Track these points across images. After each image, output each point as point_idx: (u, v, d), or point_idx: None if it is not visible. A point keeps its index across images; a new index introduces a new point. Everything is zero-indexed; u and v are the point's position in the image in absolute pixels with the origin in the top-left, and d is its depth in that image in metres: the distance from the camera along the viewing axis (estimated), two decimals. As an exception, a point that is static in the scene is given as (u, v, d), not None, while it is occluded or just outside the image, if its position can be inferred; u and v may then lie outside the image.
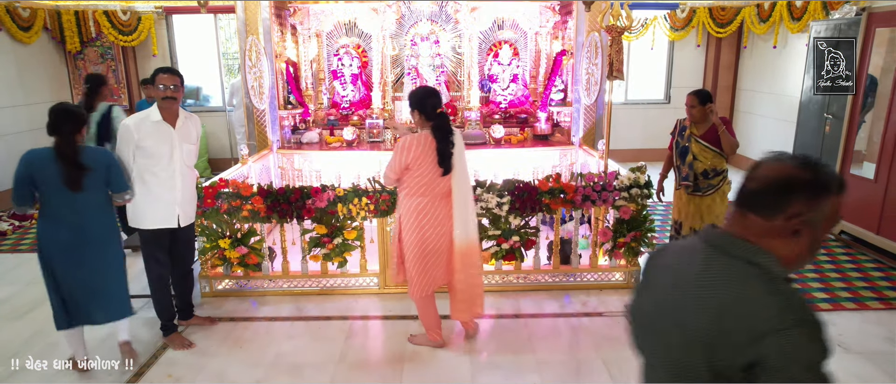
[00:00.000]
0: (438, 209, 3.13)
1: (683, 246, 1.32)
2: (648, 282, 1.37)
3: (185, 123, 3.37)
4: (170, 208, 3.35)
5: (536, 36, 6.26)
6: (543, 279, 4.25)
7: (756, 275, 1.13)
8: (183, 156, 3.34)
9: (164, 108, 3.27)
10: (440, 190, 3.11)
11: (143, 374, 3.24)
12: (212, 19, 8.33)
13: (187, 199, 3.44)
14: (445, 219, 3.16)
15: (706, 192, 3.95)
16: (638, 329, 1.37)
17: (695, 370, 1.15)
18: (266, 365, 3.32)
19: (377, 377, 3.20)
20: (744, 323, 1.08)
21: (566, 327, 3.74)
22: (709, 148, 3.87)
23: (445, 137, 3.03)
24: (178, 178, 3.34)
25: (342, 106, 6.26)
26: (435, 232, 3.15)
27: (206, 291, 4.19)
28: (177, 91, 3.24)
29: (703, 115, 3.86)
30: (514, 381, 3.13)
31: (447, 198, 3.14)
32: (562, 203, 4.03)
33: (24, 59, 6.92)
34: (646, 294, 1.36)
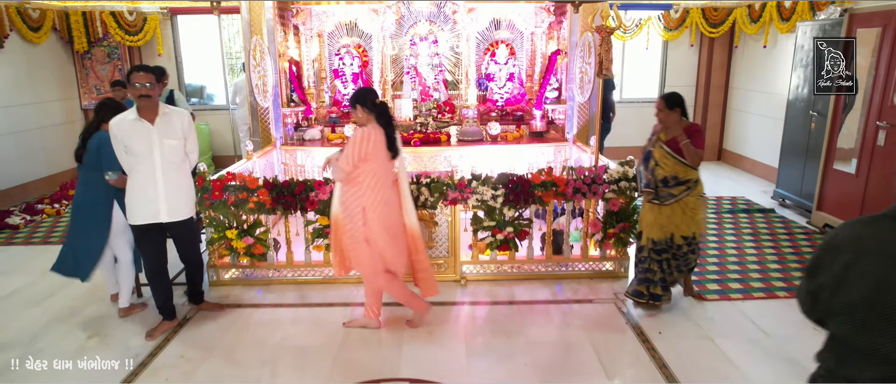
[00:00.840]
0: (393, 198, 3.48)
1: (873, 235, 1.37)
2: (849, 275, 1.38)
3: (167, 119, 3.38)
4: (153, 204, 3.40)
5: (532, 36, 6.45)
6: (536, 268, 4.44)
7: None
8: (163, 152, 3.36)
9: (141, 107, 3.31)
10: (390, 179, 3.45)
11: (156, 355, 3.43)
12: (216, 20, 8.51)
13: (173, 195, 3.44)
14: (398, 207, 3.52)
15: (665, 202, 3.68)
16: (866, 320, 1.34)
17: None
18: (272, 347, 3.51)
19: (378, 359, 3.38)
20: None
21: (557, 313, 3.93)
22: (671, 155, 3.61)
23: (390, 123, 3.41)
24: (159, 173, 3.36)
25: (343, 104, 6.45)
26: (395, 220, 3.49)
27: (213, 280, 4.38)
28: (151, 89, 3.28)
29: (671, 120, 3.62)
30: (506, 363, 3.32)
31: (395, 186, 3.50)
32: (554, 195, 4.22)
33: (33, 59, 7.12)
34: (858, 284, 1.35)
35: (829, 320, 1.46)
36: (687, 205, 3.67)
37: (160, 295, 3.68)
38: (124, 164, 3.41)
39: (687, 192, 3.66)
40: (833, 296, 1.41)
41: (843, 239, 1.43)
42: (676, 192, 3.66)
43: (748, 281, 4.41)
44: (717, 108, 8.82)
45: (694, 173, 3.65)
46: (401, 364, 3.30)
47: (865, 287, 1.34)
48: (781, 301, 4.08)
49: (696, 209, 3.70)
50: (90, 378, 3.20)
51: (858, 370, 1.38)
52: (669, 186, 3.66)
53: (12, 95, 6.80)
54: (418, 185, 4.16)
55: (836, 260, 1.41)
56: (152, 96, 3.31)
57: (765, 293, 4.21)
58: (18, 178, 6.88)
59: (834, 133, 5.35)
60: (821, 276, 1.45)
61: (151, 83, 3.28)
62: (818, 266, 1.47)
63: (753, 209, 6.28)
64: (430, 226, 4.32)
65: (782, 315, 3.86)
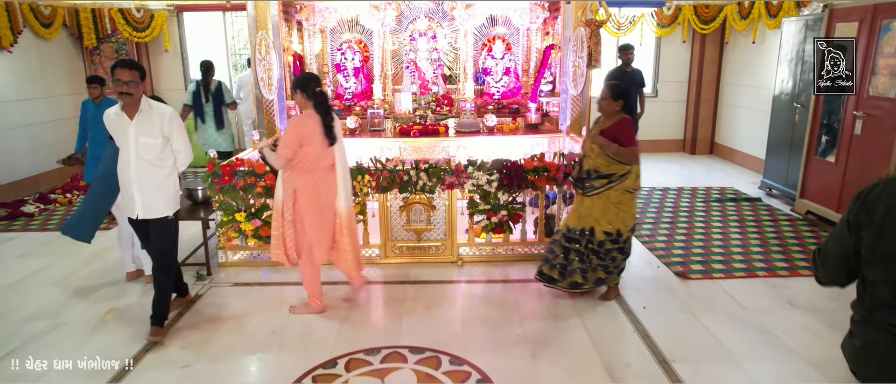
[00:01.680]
0: (328, 181, 3.61)
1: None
2: (886, 225, 1.60)
3: (146, 116, 3.30)
4: (130, 198, 3.39)
5: (527, 31, 6.68)
6: (530, 250, 4.67)
7: None
8: (138, 149, 3.29)
9: (123, 102, 3.29)
10: (326, 163, 3.57)
11: (176, 322, 3.67)
12: (221, 17, 8.78)
13: (146, 192, 3.37)
14: (332, 190, 3.65)
15: (587, 193, 3.70)
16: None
17: None
18: (280, 319, 3.74)
19: (379, 331, 3.62)
20: None
21: (548, 291, 4.15)
22: (600, 148, 3.62)
23: (327, 111, 3.53)
24: (133, 169, 3.31)
25: (345, 97, 6.68)
26: (328, 202, 3.64)
27: (222, 261, 4.62)
28: (132, 85, 3.21)
29: (611, 109, 3.64)
30: (499, 333, 3.55)
31: (332, 171, 3.63)
32: (545, 180, 4.45)
33: (45, 55, 7.35)
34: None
35: (869, 270, 1.65)
36: (609, 199, 3.64)
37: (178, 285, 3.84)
38: None
39: (609, 187, 3.62)
40: (874, 248, 1.61)
41: (874, 197, 1.64)
42: (598, 185, 3.65)
43: (731, 262, 4.64)
44: (708, 102, 9.05)
45: (619, 168, 3.60)
46: (400, 334, 3.53)
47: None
48: (761, 279, 4.32)
49: (620, 204, 3.65)
50: (103, 353, 3.43)
51: (891, 312, 1.59)
52: (592, 178, 3.67)
53: (26, 89, 7.04)
54: (417, 171, 4.39)
55: (873, 215, 1.62)
56: (134, 93, 3.23)
57: (745, 273, 4.44)
58: (32, 169, 7.12)
59: (815, 124, 5.59)
60: (860, 231, 1.65)
61: (133, 79, 3.21)
62: (857, 225, 1.66)
63: (741, 198, 6.51)
64: (428, 210, 4.55)
65: (760, 292, 4.10)
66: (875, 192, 1.65)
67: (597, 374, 3.09)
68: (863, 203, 1.66)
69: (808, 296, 3.97)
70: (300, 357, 3.26)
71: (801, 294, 4.02)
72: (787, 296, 4.03)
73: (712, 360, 3.23)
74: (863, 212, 1.66)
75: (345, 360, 3.22)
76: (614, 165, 3.60)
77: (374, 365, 3.18)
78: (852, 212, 1.70)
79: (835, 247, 1.77)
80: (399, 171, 4.41)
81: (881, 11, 4.67)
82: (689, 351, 3.34)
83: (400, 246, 4.65)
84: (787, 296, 4.01)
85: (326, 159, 3.57)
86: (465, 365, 3.17)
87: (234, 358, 3.32)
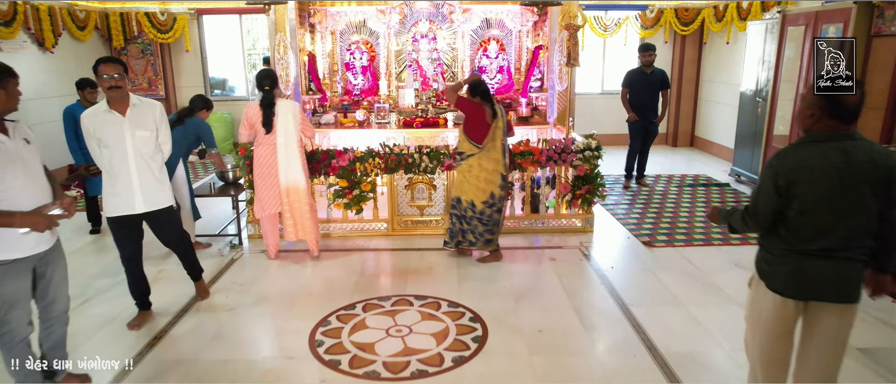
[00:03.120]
0: (270, 157, 4.56)
1: (827, 149, 2.10)
2: (818, 175, 2.08)
3: (138, 110, 3.35)
4: (127, 195, 3.38)
5: (519, 33, 7.39)
6: (518, 224, 5.38)
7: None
8: (135, 143, 3.33)
9: (111, 98, 3.27)
10: (270, 142, 4.52)
11: (215, 281, 4.37)
12: (238, 20, 9.49)
13: (147, 185, 3.42)
14: (273, 165, 4.57)
15: (454, 165, 4.71)
16: (831, 199, 2.07)
17: (872, 208, 2.11)
18: (305, 277, 4.46)
19: (388, 284, 4.33)
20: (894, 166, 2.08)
21: (532, 255, 4.86)
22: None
23: (269, 106, 4.45)
24: (133, 164, 3.34)
25: (354, 93, 7.39)
26: (269, 171, 4.60)
27: (251, 233, 5.32)
28: (120, 80, 3.23)
29: (454, 99, 4.47)
30: (489, 286, 4.25)
31: (275, 149, 4.53)
32: (531, 162, 5.16)
33: (80, 55, 8.06)
34: (824, 183, 2.08)
35: (793, 216, 2.15)
36: (460, 171, 4.54)
37: (137, 286, 3.70)
38: (97, 157, 3.39)
39: (460, 161, 4.51)
40: (796, 200, 2.13)
41: (795, 163, 2.14)
42: (456, 160, 4.58)
43: (692, 234, 5.35)
44: (689, 99, 9.76)
45: (462, 146, 4.48)
46: (407, 287, 4.24)
47: (824, 188, 2.10)
48: (715, 247, 5.02)
49: (462, 176, 4.49)
50: (111, 341, 4.13)
51: (811, 244, 2.15)
52: (457, 154, 4.59)
53: (64, 87, 7.73)
54: (420, 154, 5.09)
55: (802, 175, 2.12)
56: (122, 87, 3.26)
57: (703, 242, 5.15)
58: (68, 159, 7.80)
59: (772, 115, 6.30)
60: (797, 188, 2.14)
61: (120, 74, 3.24)
62: (792, 184, 2.15)
63: (711, 184, 7.22)
64: (430, 189, 5.26)
65: (713, 256, 4.81)
66: (789, 159, 2.18)
67: (567, 314, 3.80)
68: (784, 170, 2.17)
69: (753, 260, 4.67)
70: (325, 302, 3.97)
71: (747, 258, 4.72)
72: (735, 259, 4.74)
73: (663, 305, 3.94)
74: (783, 178, 2.17)
75: (362, 304, 3.93)
76: (462, 144, 4.49)
77: (386, 307, 3.89)
78: (776, 178, 2.19)
79: (763, 204, 2.27)
80: (404, 155, 5.11)
81: (822, 17, 5.38)
82: (645, 298, 4.05)
83: (405, 220, 5.35)
84: (736, 260, 4.72)
85: (269, 140, 4.52)
86: (460, 307, 3.88)
87: (270, 303, 4.02)
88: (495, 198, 4.48)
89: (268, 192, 4.67)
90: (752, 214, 2.31)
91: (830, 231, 2.13)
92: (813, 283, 2.19)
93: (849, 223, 2.12)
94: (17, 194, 2.51)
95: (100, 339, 3.56)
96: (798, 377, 2.37)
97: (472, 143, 4.42)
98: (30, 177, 2.58)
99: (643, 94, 6.90)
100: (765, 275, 2.32)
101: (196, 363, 3.26)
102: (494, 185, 4.45)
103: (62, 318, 2.91)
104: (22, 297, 2.63)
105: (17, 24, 6.71)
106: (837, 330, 2.25)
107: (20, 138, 2.59)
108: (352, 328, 3.61)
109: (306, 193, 4.68)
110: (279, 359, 3.31)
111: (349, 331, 3.58)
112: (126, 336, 3.59)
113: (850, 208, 2.11)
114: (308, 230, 4.74)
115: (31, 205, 2.55)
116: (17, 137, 2.58)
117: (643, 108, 6.92)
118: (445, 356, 3.28)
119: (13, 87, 2.56)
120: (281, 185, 4.62)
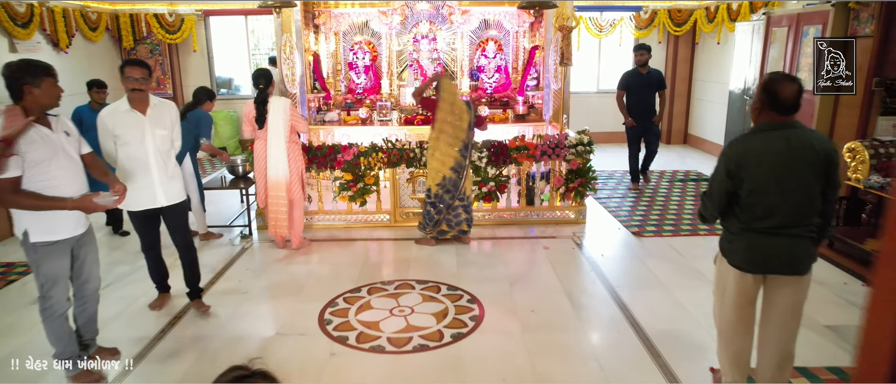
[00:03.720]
0: (263, 151, 4.87)
1: (770, 136, 2.35)
2: (763, 160, 2.31)
3: (158, 110, 3.52)
4: (149, 190, 3.53)
5: (516, 34, 7.66)
6: (514, 216, 5.66)
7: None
8: (155, 141, 3.49)
9: (133, 99, 3.42)
10: (264, 137, 4.84)
11: (228, 268, 4.65)
12: (243, 20, 9.76)
13: (166, 180, 3.57)
14: (265, 157, 4.87)
15: None
16: (776, 181, 2.32)
17: (814, 189, 2.38)
18: (314, 262, 4.73)
19: (391, 271, 4.60)
20: (831, 151, 2.37)
21: (527, 244, 5.14)
22: None
23: (262, 103, 4.77)
24: (152, 161, 3.49)
25: (357, 91, 7.66)
26: (261, 164, 4.90)
27: (260, 225, 5.60)
28: (144, 82, 3.39)
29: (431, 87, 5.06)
30: (486, 272, 4.52)
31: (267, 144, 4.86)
32: (526, 157, 5.43)
33: (92, 55, 8.33)
34: (768, 166, 2.32)
35: (745, 198, 2.39)
36: (426, 158, 5.02)
37: (157, 271, 3.92)
38: (109, 154, 3.50)
39: (427, 150, 4.97)
40: (747, 183, 2.38)
41: (743, 149, 2.41)
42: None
43: (679, 224, 5.62)
44: (682, 97, 10.03)
45: (429, 134, 4.94)
46: (409, 273, 4.51)
47: (769, 170, 2.35)
48: (701, 237, 5.30)
49: (428, 162, 4.95)
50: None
51: (763, 222, 2.41)
52: None
53: (77, 86, 7.99)
54: (421, 149, 5.36)
55: (749, 159, 2.38)
56: (145, 89, 3.41)
57: (690, 232, 5.42)
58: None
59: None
60: (745, 171, 2.40)
61: (144, 77, 3.40)
62: (741, 168, 2.42)
63: (701, 179, 7.49)
64: (430, 182, 5.53)
65: (698, 245, 5.08)
66: (738, 146, 2.47)
67: (558, 296, 4.07)
68: (733, 156, 2.47)
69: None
70: (332, 286, 4.25)
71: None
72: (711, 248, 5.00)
73: (648, 288, 4.22)
74: (733, 162, 2.46)
75: (367, 288, 4.21)
76: (429, 136, 4.91)
77: (389, 290, 4.17)
78: (727, 163, 2.51)
79: (718, 187, 2.57)
80: (406, 150, 5.38)
81: (803, 19, 5.65)
82: (631, 282, 4.33)
83: (406, 211, 5.63)
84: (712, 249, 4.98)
85: (263, 135, 4.83)
86: (459, 290, 4.15)
87: (280, 287, 4.30)
88: (447, 180, 4.85)
89: (262, 183, 4.98)
90: (709, 196, 2.60)
91: (778, 210, 2.40)
92: (766, 258, 2.47)
93: (794, 202, 2.39)
94: (61, 182, 2.78)
95: (125, 319, 3.84)
96: (762, 341, 2.65)
97: (432, 131, 4.87)
98: (72, 166, 2.86)
99: (640, 96, 6.90)
100: (726, 251, 2.60)
101: (214, 339, 3.54)
102: (447, 167, 4.84)
103: (94, 296, 3.20)
104: (62, 275, 2.91)
105: (33, 26, 6.98)
106: (794, 300, 2.52)
107: (61, 131, 2.86)
108: (358, 309, 3.89)
109: (287, 188, 4.89)
110: (292, 335, 3.59)
111: (355, 311, 3.85)
112: (148, 316, 3.86)
113: (793, 189, 2.38)
114: (280, 226, 4.95)
115: (73, 191, 2.83)
116: (59, 130, 2.85)
117: (640, 110, 6.91)
118: (445, 333, 3.55)
119: (48, 85, 2.78)
120: (268, 176, 4.91)
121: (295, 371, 3.19)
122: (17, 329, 3.73)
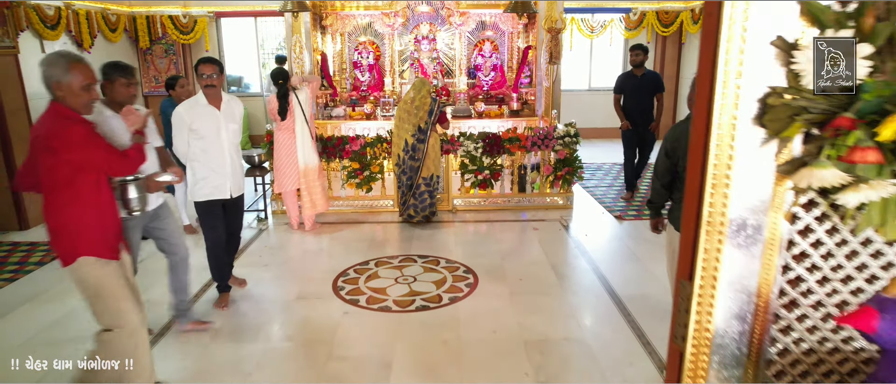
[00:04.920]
0: (288, 140, 5.33)
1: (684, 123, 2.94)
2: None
3: (229, 105, 3.75)
4: (222, 181, 3.71)
5: (511, 35, 8.18)
6: (507, 202, 6.17)
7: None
8: (228, 134, 3.71)
9: (208, 95, 3.62)
10: (287, 128, 5.29)
11: (248, 247, 5.17)
12: (252, 22, 10.28)
13: (236, 172, 3.79)
14: (292, 147, 5.33)
15: None
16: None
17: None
18: (326, 241, 5.25)
19: (396, 247, 5.12)
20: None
21: (518, 226, 5.65)
22: None
23: (284, 97, 5.20)
24: (227, 154, 3.70)
25: (361, 89, 8.18)
26: (288, 153, 5.35)
27: (275, 210, 6.11)
28: (217, 78, 3.60)
29: None
30: (479, 249, 5.04)
31: (293, 133, 5.30)
32: (518, 147, 5.94)
33: (112, 55, 8.82)
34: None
35: (683, 171, 2.91)
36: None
37: (220, 270, 3.94)
38: (184, 142, 3.65)
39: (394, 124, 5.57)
40: (684, 156, 2.88)
41: (678, 133, 2.94)
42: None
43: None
44: (669, 95, 10.52)
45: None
46: (411, 249, 5.03)
47: None
48: (677, 220, 5.81)
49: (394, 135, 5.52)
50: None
51: None
52: None
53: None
54: (422, 140, 5.87)
55: (682, 141, 2.88)
56: (216, 86, 3.62)
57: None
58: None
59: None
60: (679, 151, 2.94)
61: (216, 73, 3.61)
62: (675, 148, 2.97)
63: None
64: (430, 171, 6.04)
65: (674, 227, 5.59)
66: (675, 131, 3.00)
67: (544, 268, 4.59)
68: (671, 138, 2.98)
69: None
70: (343, 260, 4.76)
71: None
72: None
73: (624, 261, 4.74)
74: (669, 144, 2.99)
75: (374, 261, 4.73)
76: None
77: (394, 263, 4.69)
78: (665, 144, 3.01)
79: (662, 165, 3.09)
80: (408, 141, 5.89)
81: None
82: (610, 257, 4.85)
83: (409, 198, 6.15)
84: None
85: (286, 125, 5.28)
86: (456, 263, 4.67)
87: (296, 262, 4.83)
88: (408, 145, 5.43)
89: (287, 170, 5.44)
90: (655, 172, 3.16)
91: None
92: None
93: None
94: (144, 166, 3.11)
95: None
96: None
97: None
98: (149, 152, 3.23)
99: (634, 99, 6.54)
100: (672, 219, 3.13)
101: (242, 302, 4.05)
102: (408, 133, 5.42)
103: (184, 266, 3.46)
104: (135, 246, 3.26)
105: (60, 28, 7.50)
106: None
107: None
108: (367, 278, 4.41)
109: (319, 172, 5.47)
110: (309, 299, 4.11)
111: (364, 279, 4.37)
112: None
113: None
114: (320, 204, 5.51)
115: (147, 170, 3.08)
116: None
117: (636, 113, 6.56)
118: (444, 296, 4.07)
119: (121, 85, 3.05)
120: (299, 165, 5.40)
121: (314, 326, 3.71)
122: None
